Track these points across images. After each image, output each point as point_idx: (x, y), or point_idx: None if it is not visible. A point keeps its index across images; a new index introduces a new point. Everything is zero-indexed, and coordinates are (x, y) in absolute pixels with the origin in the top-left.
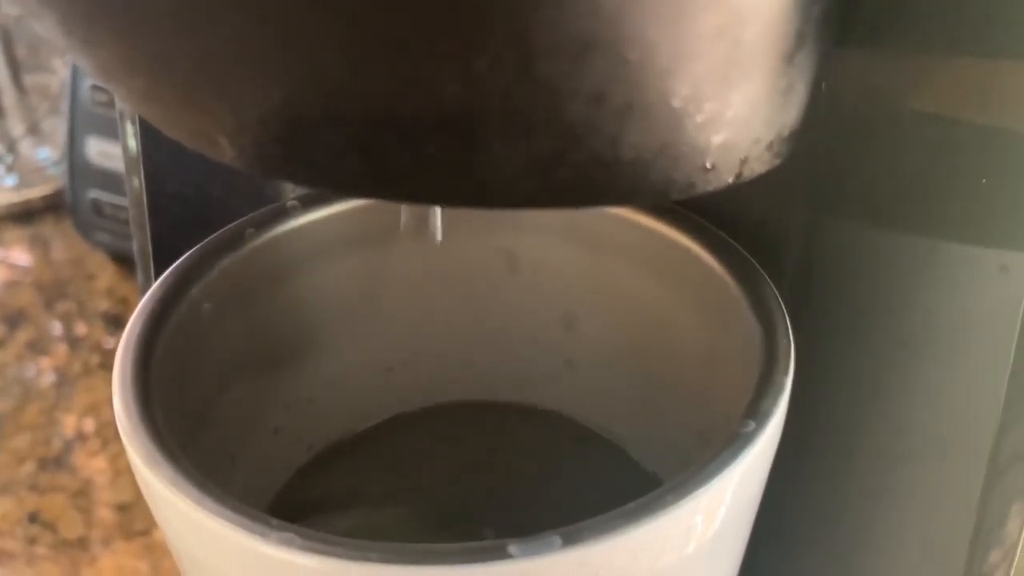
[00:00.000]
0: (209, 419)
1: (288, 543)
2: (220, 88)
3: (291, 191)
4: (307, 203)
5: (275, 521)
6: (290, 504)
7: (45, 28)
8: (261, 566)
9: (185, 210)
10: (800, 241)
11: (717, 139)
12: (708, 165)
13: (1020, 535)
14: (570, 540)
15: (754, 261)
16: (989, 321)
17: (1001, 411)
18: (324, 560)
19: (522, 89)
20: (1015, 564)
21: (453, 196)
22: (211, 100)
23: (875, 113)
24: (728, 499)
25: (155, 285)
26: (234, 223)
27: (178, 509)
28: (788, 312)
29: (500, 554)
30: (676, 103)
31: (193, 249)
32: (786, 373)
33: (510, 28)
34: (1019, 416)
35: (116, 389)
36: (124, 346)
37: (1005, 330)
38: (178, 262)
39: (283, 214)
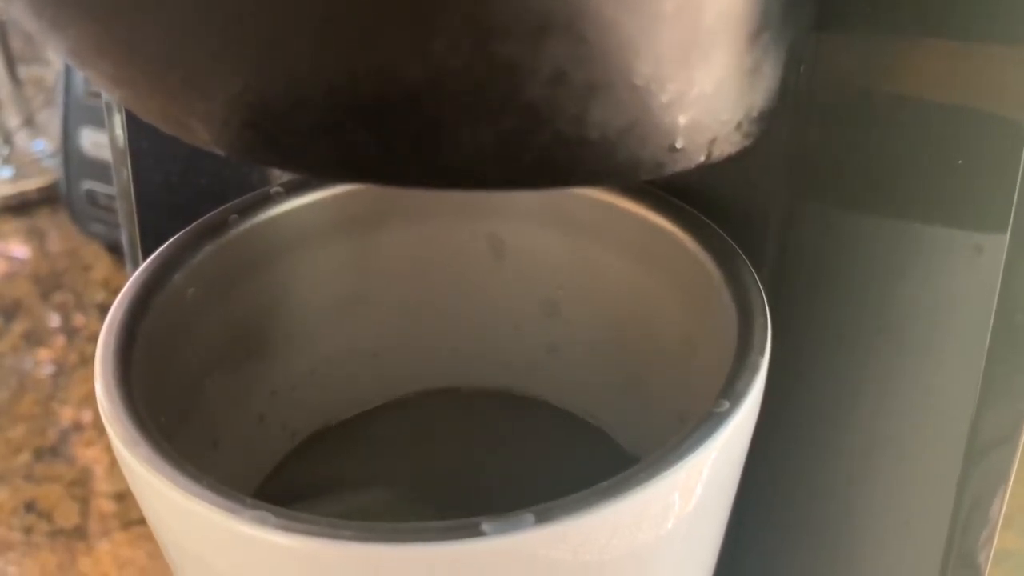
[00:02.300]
0: (193, 405)
1: (262, 521)
2: (187, 72)
3: (278, 177)
4: (291, 189)
5: (249, 500)
6: (275, 491)
7: (16, 11)
8: (236, 545)
9: (173, 200)
10: (778, 226)
11: (683, 119)
12: (676, 145)
13: (1000, 517)
14: (543, 517)
15: (732, 243)
16: (966, 303)
17: (978, 395)
18: (298, 538)
19: (481, 69)
20: (994, 546)
21: (420, 178)
22: (179, 84)
23: (851, 96)
24: (703, 478)
25: (138, 271)
26: (218, 209)
27: (155, 489)
28: (767, 297)
29: (473, 532)
30: (638, 82)
31: (176, 235)
32: (761, 354)
33: (466, 8)
34: (997, 399)
35: (98, 372)
36: (107, 330)
37: (981, 311)
38: (161, 248)
39: (267, 200)
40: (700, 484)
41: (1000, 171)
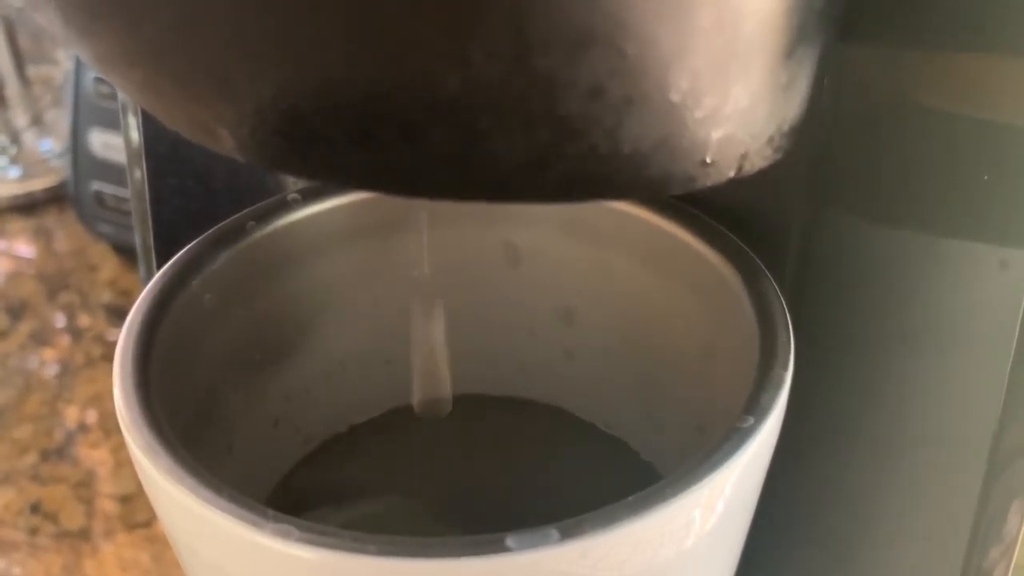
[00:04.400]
0: (209, 411)
1: (285, 534)
2: (218, 79)
3: (293, 183)
4: (308, 196)
5: (272, 512)
6: (288, 497)
7: (44, 18)
8: (258, 557)
9: (187, 202)
10: (800, 237)
11: (716, 134)
12: (707, 160)
13: (1020, 532)
14: (568, 533)
15: (753, 255)
16: (989, 317)
17: (1001, 407)
18: (321, 552)
19: (519, 82)
20: (1015, 561)
21: (451, 190)
22: (210, 91)
23: (876, 108)
24: (727, 494)
25: (156, 276)
26: (235, 215)
27: (175, 499)
28: (787, 307)
29: (498, 547)
30: (675, 97)
31: (194, 241)
32: (785, 367)
33: (506, 20)
34: (1019, 413)
35: (116, 379)
36: (125, 336)
37: (1005, 326)
38: (179, 254)
39: (284, 207)
40: (723, 500)
41: None
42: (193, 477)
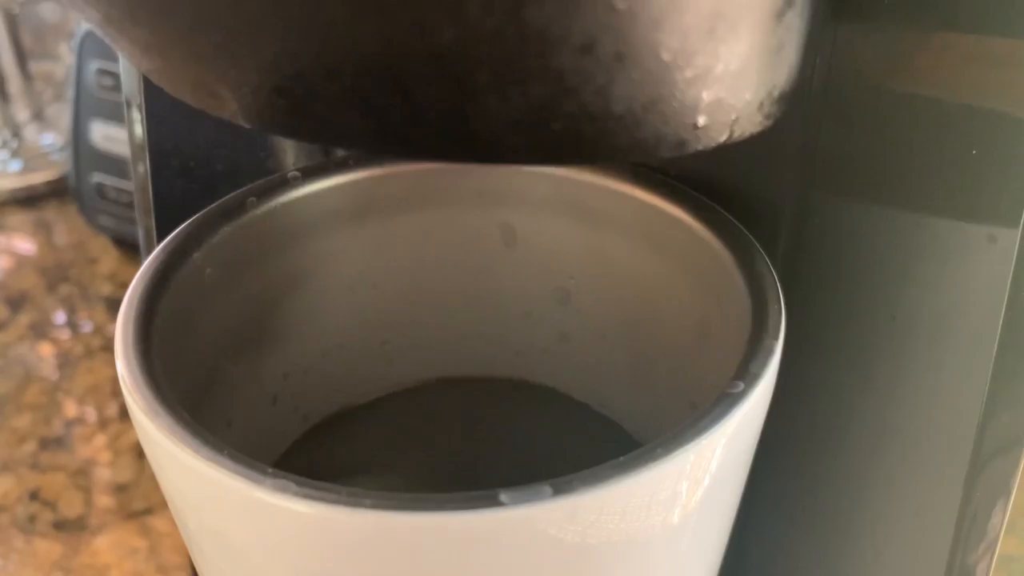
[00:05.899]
0: (209, 384)
1: (283, 489)
2: (220, 37)
3: (293, 165)
4: (308, 174)
5: (270, 468)
6: None
7: None
8: (257, 513)
9: (190, 195)
10: (791, 216)
11: (707, 96)
12: (698, 123)
13: (1003, 528)
14: (560, 490)
15: (746, 231)
16: (978, 293)
17: (985, 398)
18: (319, 506)
19: (513, 36)
20: (996, 555)
21: (447, 150)
22: (212, 51)
23: (867, 89)
24: (717, 458)
25: (158, 248)
26: (236, 192)
27: (177, 459)
28: (779, 285)
29: (491, 502)
30: (665, 56)
31: (195, 216)
32: (775, 337)
33: None
34: (1004, 404)
35: (118, 343)
36: (127, 304)
37: (994, 301)
38: (180, 228)
39: (284, 184)
40: (714, 462)
41: (1013, 166)
42: (193, 436)
